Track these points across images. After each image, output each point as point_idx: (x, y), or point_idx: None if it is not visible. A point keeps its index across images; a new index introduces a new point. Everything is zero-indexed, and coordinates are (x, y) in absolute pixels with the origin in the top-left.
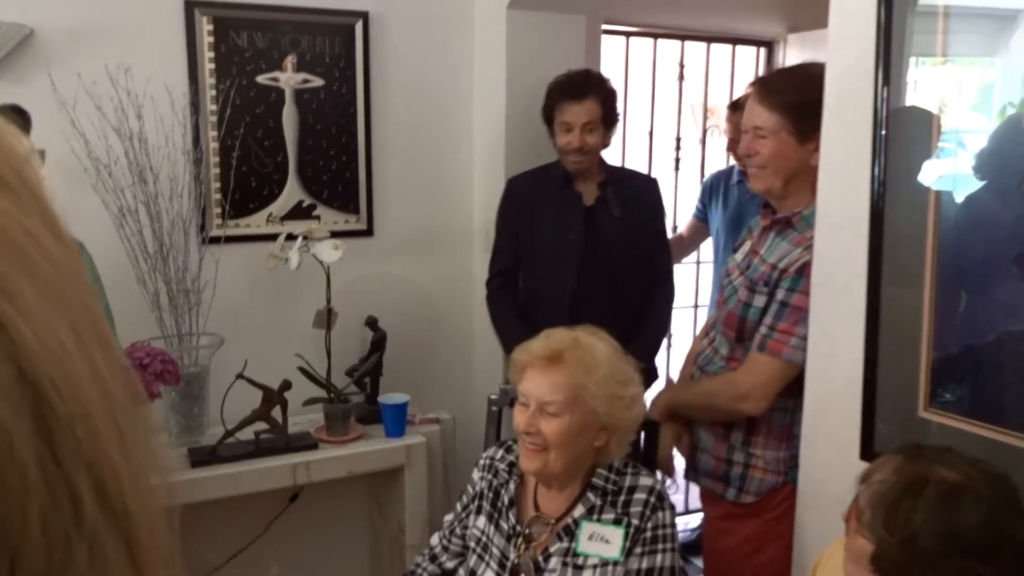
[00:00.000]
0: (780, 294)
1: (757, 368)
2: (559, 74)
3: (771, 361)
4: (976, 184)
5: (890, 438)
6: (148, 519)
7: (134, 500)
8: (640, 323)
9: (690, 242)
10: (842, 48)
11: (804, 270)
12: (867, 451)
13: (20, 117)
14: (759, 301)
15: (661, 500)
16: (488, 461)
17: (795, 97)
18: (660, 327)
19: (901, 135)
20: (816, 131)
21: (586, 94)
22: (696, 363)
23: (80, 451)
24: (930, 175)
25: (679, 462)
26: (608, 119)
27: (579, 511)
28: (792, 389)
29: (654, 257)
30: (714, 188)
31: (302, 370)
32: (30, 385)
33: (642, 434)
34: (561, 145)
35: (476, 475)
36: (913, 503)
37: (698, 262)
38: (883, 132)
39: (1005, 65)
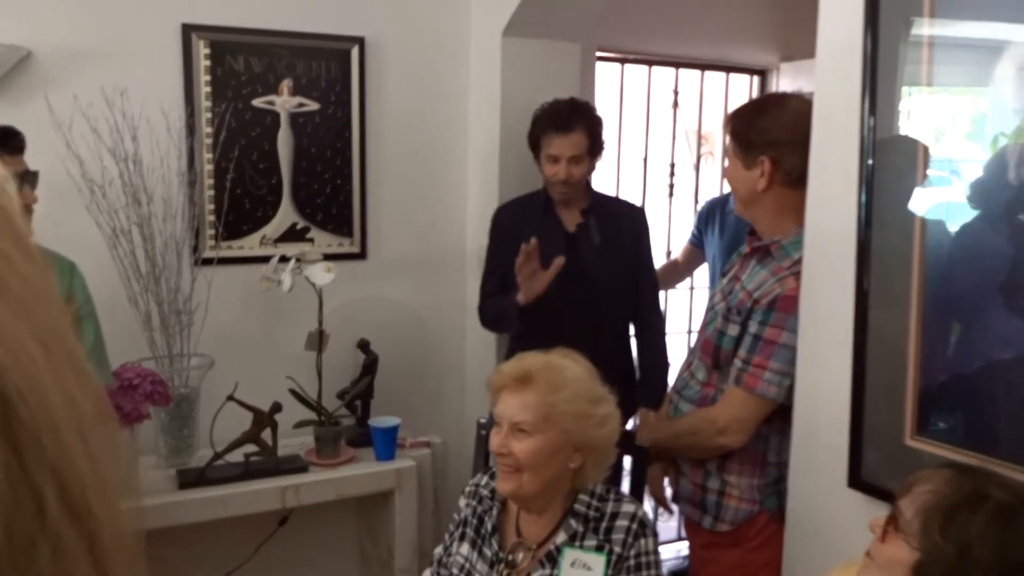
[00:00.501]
0: (753, 327)
1: (734, 402)
2: (545, 102)
3: (747, 396)
4: (970, 213)
5: (878, 466)
6: (112, 522)
7: (98, 504)
8: (641, 366)
9: (684, 267)
10: (829, 77)
11: (776, 303)
12: (855, 479)
13: (14, 138)
14: (732, 330)
15: (644, 527)
16: (473, 488)
17: (740, 124)
18: (660, 365)
19: (887, 164)
20: (758, 158)
21: (573, 126)
22: (674, 386)
23: (45, 457)
24: (922, 204)
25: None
26: (594, 149)
27: (561, 537)
28: (768, 417)
29: (639, 288)
30: (710, 214)
31: (293, 392)
32: None
33: (627, 459)
34: (547, 176)
35: (462, 502)
36: (971, 514)
37: (691, 288)
38: (869, 161)
39: (996, 95)
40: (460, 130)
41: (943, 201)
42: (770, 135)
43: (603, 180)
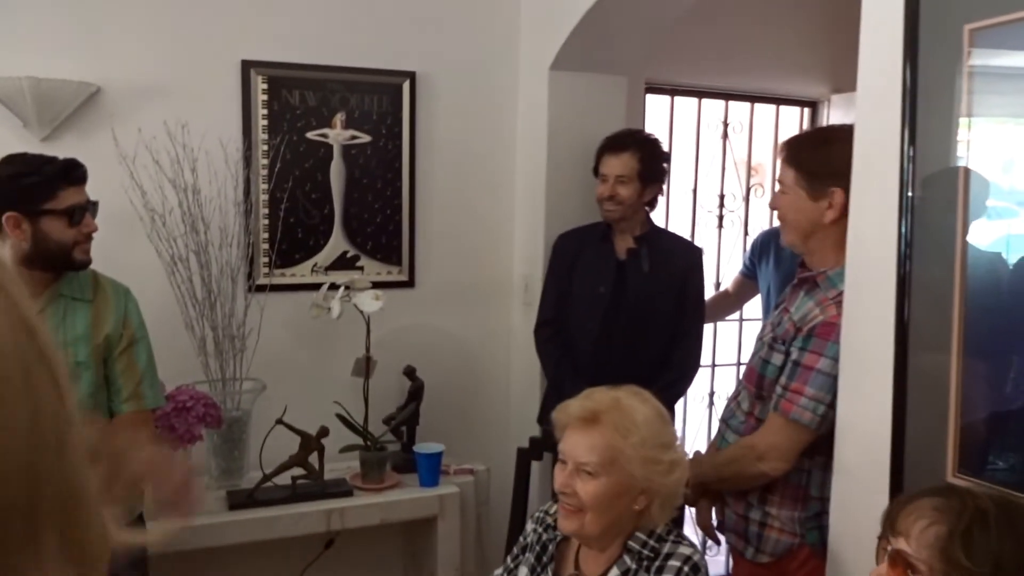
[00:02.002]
0: (794, 353)
1: (772, 428)
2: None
3: (785, 422)
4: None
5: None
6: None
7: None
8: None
9: (736, 299)
10: (870, 108)
11: (816, 330)
12: None
13: (77, 170)
14: (776, 359)
15: (696, 571)
16: (542, 514)
17: (808, 155)
18: (673, 389)
19: (928, 196)
20: (827, 189)
21: (625, 148)
22: (722, 416)
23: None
24: (969, 236)
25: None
26: (646, 175)
27: (614, 573)
28: (809, 450)
29: (680, 322)
30: (765, 245)
31: (340, 417)
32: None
33: None
34: (597, 195)
35: (529, 526)
36: (984, 532)
37: (741, 320)
38: (909, 193)
39: None
40: (507, 162)
41: (997, 234)
42: (843, 166)
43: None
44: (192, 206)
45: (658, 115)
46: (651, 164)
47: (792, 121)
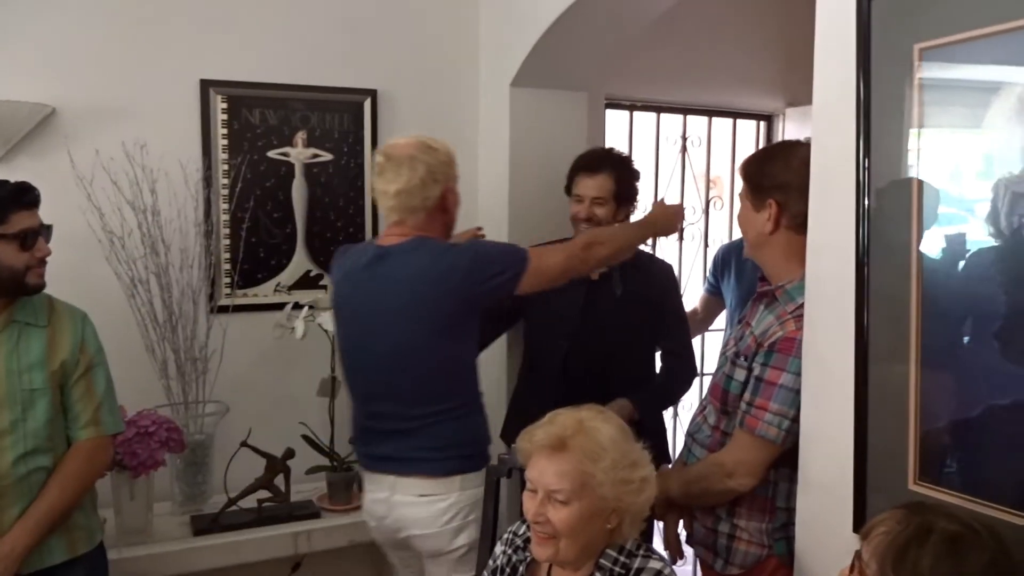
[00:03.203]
0: (756, 369)
1: (739, 445)
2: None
3: (751, 439)
4: (970, 257)
5: (882, 512)
6: None
7: None
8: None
9: (704, 317)
10: (825, 121)
11: (777, 345)
12: (860, 525)
13: (29, 193)
14: (739, 375)
15: None
16: (510, 536)
17: (751, 168)
18: (665, 392)
19: (884, 206)
20: (766, 201)
21: (600, 169)
22: (688, 431)
23: None
24: (922, 246)
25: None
26: (621, 195)
27: None
28: (774, 462)
29: (668, 337)
30: (726, 260)
31: (306, 438)
32: None
33: None
34: (572, 215)
35: (498, 549)
36: (920, 549)
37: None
38: (866, 203)
39: (993, 137)
40: (470, 178)
41: (950, 242)
42: (778, 179)
43: None
44: (152, 228)
45: (618, 130)
46: (626, 184)
47: (749, 134)
